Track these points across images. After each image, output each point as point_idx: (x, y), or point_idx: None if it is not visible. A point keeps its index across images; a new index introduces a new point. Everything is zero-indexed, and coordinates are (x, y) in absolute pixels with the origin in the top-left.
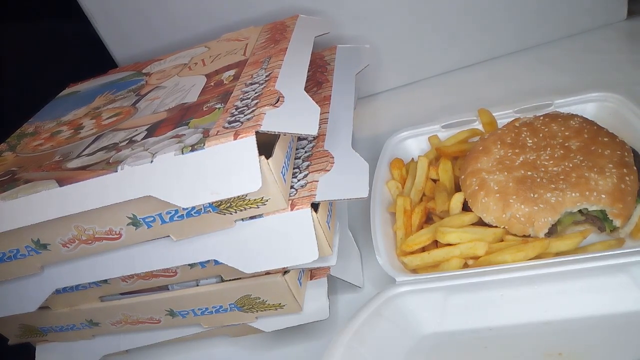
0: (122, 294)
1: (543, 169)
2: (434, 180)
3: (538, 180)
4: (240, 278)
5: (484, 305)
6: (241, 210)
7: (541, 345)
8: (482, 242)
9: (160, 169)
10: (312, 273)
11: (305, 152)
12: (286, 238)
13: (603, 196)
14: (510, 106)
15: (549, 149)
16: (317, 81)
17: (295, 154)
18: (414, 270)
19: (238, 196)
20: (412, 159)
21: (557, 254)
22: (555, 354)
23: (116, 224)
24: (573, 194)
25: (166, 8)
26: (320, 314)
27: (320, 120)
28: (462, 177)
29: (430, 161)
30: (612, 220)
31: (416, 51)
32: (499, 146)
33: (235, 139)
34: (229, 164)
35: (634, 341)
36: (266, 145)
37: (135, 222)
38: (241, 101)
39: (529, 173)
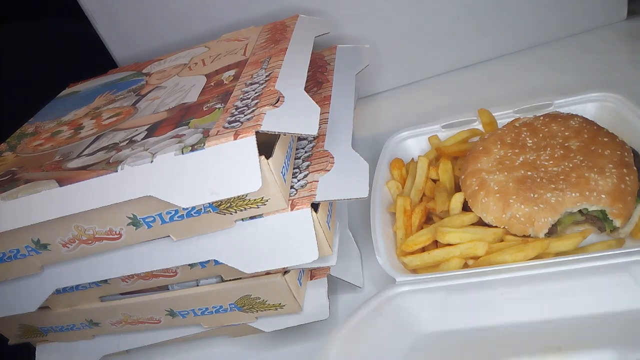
0: (122, 294)
1: (543, 169)
2: (434, 180)
3: (538, 180)
4: (240, 278)
5: (484, 304)
6: (241, 210)
7: (541, 341)
8: (482, 242)
9: (161, 169)
10: (312, 273)
11: (305, 152)
12: (286, 238)
13: (603, 196)
14: (510, 106)
15: (549, 149)
16: (317, 81)
17: (295, 154)
18: (414, 270)
19: (238, 196)
20: (412, 159)
21: (557, 254)
22: (554, 347)
23: (116, 224)
24: (573, 194)
25: (166, 8)
26: (320, 314)
27: (320, 120)
28: (462, 177)
29: (430, 161)
30: (612, 220)
31: (416, 51)
32: (499, 146)
33: (235, 139)
34: (229, 164)
35: (633, 339)
36: (266, 145)
37: (135, 222)
38: (241, 101)
39: (529, 173)
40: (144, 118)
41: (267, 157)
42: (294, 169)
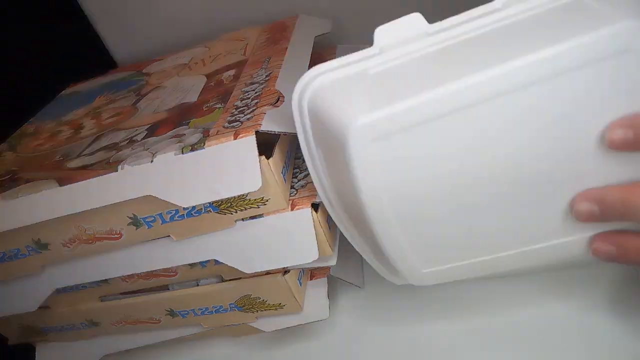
0: (122, 293)
1: None
2: None
3: None
4: (240, 278)
5: None
6: (241, 210)
7: None
8: None
9: (161, 168)
10: (312, 273)
11: None
12: (286, 238)
13: None
14: None
15: None
16: None
17: (295, 154)
18: None
19: (238, 196)
20: None
21: None
22: None
23: (117, 224)
24: None
25: (166, 8)
26: (320, 314)
27: None
28: None
29: None
30: None
31: None
32: None
33: (235, 138)
34: (229, 164)
35: None
36: (266, 145)
37: (135, 222)
38: (241, 101)
39: None
40: (144, 118)
41: (268, 157)
42: (294, 168)
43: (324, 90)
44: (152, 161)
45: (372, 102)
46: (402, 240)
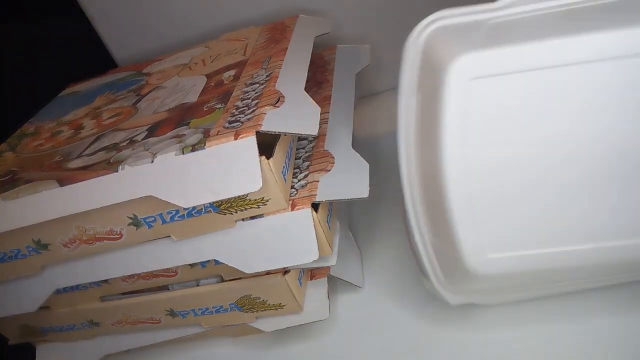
0: (122, 293)
1: None
2: None
3: None
4: (240, 278)
5: None
6: (242, 210)
7: None
8: None
9: (161, 169)
10: (312, 273)
11: (306, 152)
12: (286, 238)
13: None
14: None
15: None
16: (317, 81)
17: (296, 154)
18: None
19: (239, 196)
20: None
21: None
22: None
23: (117, 224)
24: None
25: (166, 8)
26: (320, 314)
27: (320, 120)
28: None
29: None
30: None
31: None
32: None
33: (235, 139)
34: (229, 164)
35: None
36: (266, 145)
37: (136, 222)
38: (241, 101)
39: None
40: (144, 118)
41: (268, 157)
42: (294, 169)
43: (440, 32)
44: (152, 161)
45: (482, 43)
46: (478, 209)
